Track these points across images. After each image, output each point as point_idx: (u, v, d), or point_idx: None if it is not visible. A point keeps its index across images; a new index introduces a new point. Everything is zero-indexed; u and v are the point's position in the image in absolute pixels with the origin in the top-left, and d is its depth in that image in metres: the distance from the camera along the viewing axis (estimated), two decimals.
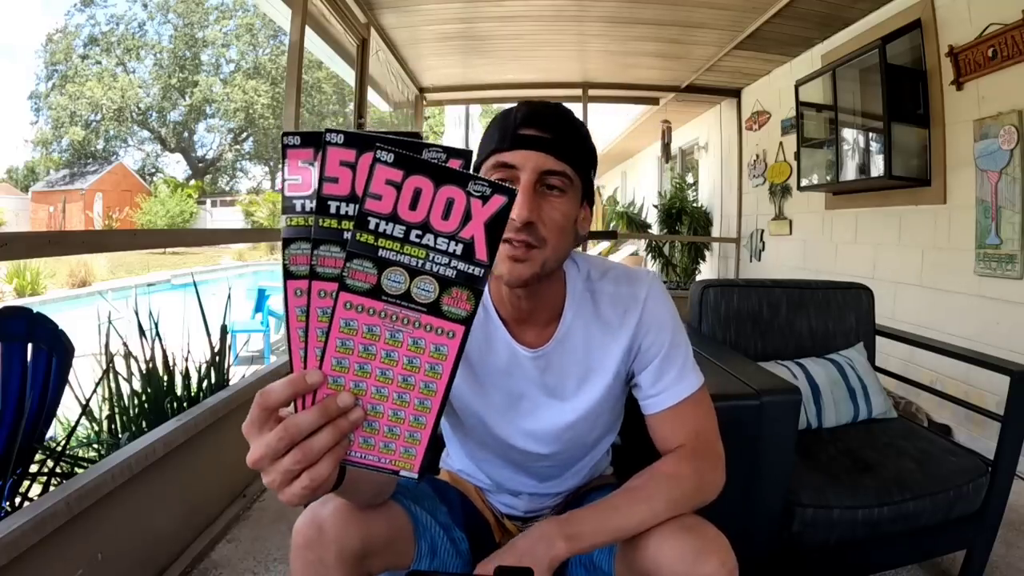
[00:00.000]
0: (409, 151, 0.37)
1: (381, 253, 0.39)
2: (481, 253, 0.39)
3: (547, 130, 0.66)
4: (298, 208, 0.39)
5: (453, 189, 0.38)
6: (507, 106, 0.72)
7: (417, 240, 0.39)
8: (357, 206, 0.38)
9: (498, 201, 0.38)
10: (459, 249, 0.39)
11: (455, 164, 0.39)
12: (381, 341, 0.41)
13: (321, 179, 0.38)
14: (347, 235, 0.38)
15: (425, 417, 0.43)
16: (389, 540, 0.69)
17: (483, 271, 0.40)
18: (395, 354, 0.42)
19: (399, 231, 0.38)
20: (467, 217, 0.38)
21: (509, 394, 0.75)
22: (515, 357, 0.74)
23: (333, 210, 0.38)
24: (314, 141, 0.39)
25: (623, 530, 0.65)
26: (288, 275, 0.40)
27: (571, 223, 0.69)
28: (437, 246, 0.39)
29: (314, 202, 0.39)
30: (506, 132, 0.67)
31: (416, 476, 0.44)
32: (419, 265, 0.39)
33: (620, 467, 0.94)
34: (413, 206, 0.38)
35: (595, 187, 0.77)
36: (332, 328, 0.41)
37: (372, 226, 0.38)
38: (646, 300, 0.74)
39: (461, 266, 0.40)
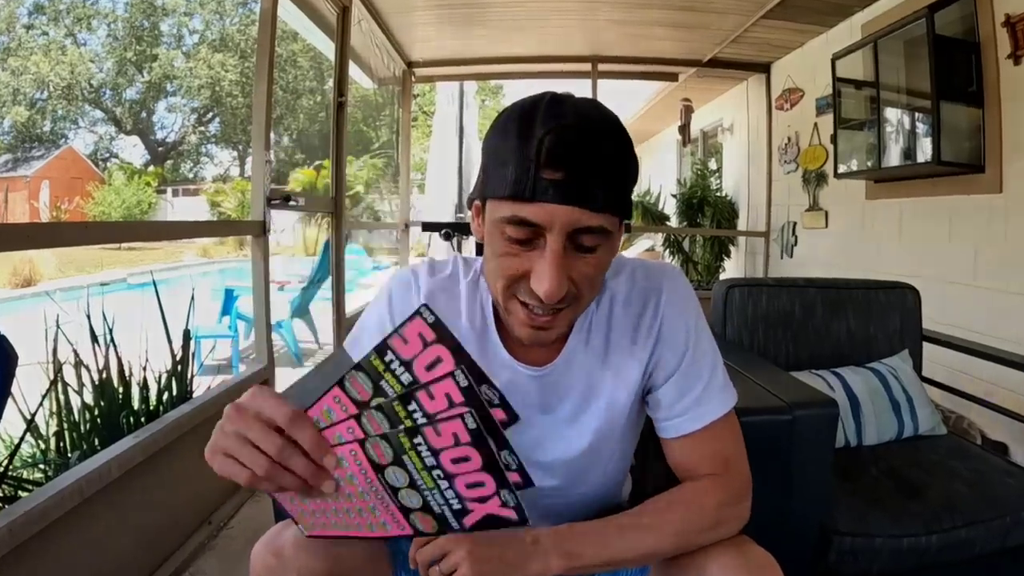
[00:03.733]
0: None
1: (381, 383, 0.48)
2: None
3: (580, 169, 0.57)
4: (387, 358, 0.47)
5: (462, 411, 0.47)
6: (513, 86, 0.69)
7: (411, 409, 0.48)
8: (406, 372, 0.47)
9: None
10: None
11: (498, 414, 0.50)
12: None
13: (396, 331, 0.47)
14: (383, 383, 0.48)
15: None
16: (360, 563, 0.68)
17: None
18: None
19: (406, 379, 0.48)
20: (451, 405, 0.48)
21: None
22: (514, 377, 0.72)
23: (387, 358, 0.47)
24: (443, 332, 0.47)
25: (623, 560, 0.65)
26: (342, 387, 0.49)
27: (608, 266, 0.65)
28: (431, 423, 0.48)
29: (402, 367, 0.47)
30: (525, 172, 0.57)
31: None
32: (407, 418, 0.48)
33: (633, 490, 0.94)
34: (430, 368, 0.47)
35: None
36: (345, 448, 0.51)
37: (387, 359, 0.48)
38: (665, 301, 0.72)
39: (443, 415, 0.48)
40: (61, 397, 1.62)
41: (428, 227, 3.80)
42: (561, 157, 0.57)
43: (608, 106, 0.64)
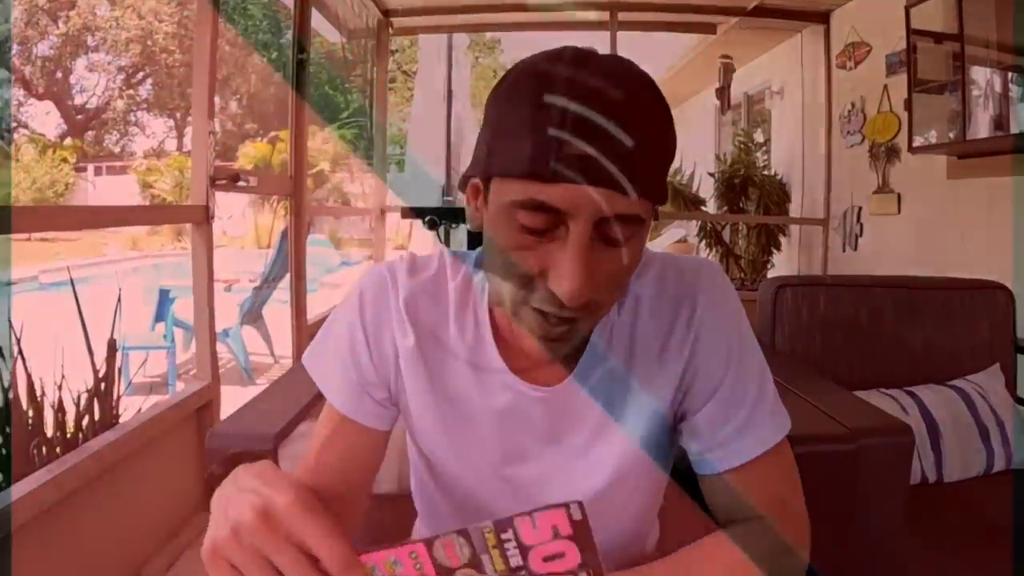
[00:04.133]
0: None
1: (483, 557, 0.48)
2: None
3: (615, 143, 0.56)
4: (504, 536, 0.48)
5: None
6: (523, 40, 0.68)
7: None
8: (519, 555, 0.48)
9: None
10: None
11: None
12: None
13: (530, 513, 0.48)
14: (484, 557, 0.48)
15: None
16: None
17: None
18: None
19: (515, 563, 0.48)
20: None
21: (505, 453, 0.74)
22: (516, 400, 0.72)
23: (505, 536, 0.48)
24: (584, 534, 0.48)
25: None
26: (429, 547, 0.48)
27: (639, 262, 0.65)
28: None
29: (516, 549, 0.48)
30: (546, 146, 0.56)
31: None
32: None
33: (662, 538, 0.94)
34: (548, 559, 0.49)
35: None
36: None
37: (504, 536, 0.48)
38: (701, 306, 0.72)
39: None
40: None
41: (409, 213, 3.80)
42: (592, 127, 0.55)
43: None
